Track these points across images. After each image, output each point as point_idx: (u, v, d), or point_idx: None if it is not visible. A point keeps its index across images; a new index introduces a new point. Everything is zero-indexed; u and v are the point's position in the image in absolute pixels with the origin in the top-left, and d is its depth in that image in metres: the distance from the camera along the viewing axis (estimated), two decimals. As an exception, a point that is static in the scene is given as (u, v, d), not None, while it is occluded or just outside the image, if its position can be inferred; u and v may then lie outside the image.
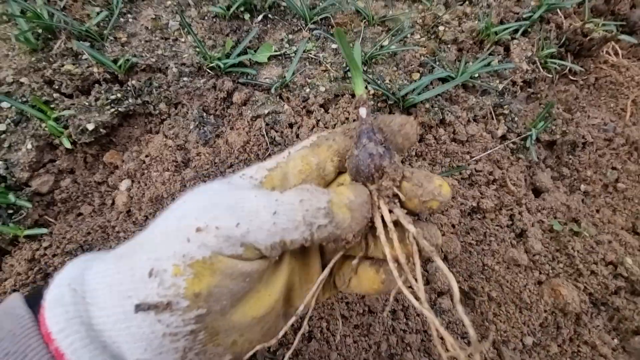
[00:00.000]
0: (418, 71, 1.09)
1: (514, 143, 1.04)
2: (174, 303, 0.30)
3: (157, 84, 0.97)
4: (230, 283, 0.32)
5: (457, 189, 0.95)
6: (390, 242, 0.37)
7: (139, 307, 0.29)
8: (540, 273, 0.87)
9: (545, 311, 0.82)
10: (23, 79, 0.89)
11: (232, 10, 1.08)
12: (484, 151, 1.00)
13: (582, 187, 1.05)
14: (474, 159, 0.99)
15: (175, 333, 0.30)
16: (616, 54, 1.38)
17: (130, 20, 1.07)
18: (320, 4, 1.19)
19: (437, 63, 1.10)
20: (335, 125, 0.97)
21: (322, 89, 1.02)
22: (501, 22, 1.25)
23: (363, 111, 0.40)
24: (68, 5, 1.08)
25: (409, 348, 0.77)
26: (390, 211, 0.38)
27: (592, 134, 1.10)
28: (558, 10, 1.36)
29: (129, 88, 0.94)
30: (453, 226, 0.90)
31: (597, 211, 1.00)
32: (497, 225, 0.93)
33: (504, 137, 1.06)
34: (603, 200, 1.03)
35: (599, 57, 1.35)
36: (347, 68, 1.08)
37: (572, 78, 1.35)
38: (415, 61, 1.10)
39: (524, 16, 1.24)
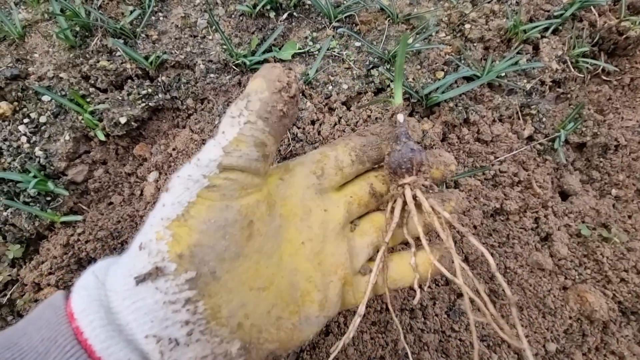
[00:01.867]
0: (442, 70, 1.08)
1: (541, 144, 1.01)
2: (163, 267, 0.31)
3: (185, 80, 1.00)
4: (209, 240, 0.32)
5: (479, 189, 0.93)
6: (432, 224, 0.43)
7: (137, 279, 0.31)
8: (565, 278, 0.84)
9: (570, 318, 0.79)
10: (62, 74, 0.95)
11: (258, 8, 1.10)
12: (509, 152, 0.98)
13: (614, 191, 1.01)
14: (498, 159, 0.97)
15: (174, 301, 0.30)
16: (654, 53, 1.31)
17: (161, 18, 1.12)
18: (345, 2, 1.20)
19: (463, 62, 1.08)
20: (357, 122, 0.97)
21: (345, 86, 1.02)
22: (530, 20, 1.21)
23: (401, 117, 0.47)
24: (104, 4, 1.13)
25: (426, 347, 0.77)
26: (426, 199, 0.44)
27: (625, 136, 1.05)
28: (592, 7, 1.31)
29: (159, 84, 0.98)
30: (475, 227, 0.89)
31: (629, 217, 0.96)
32: (521, 228, 0.91)
33: (530, 138, 1.03)
34: (636, 205, 0.98)
35: (635, 56, 1.29)
36: (370, 66, 1.08)
37: (605, 78, 1.30)
38: (440, 60, 1.09)
39: (555, 14, 1.20)
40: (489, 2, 1.23)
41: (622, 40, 1.23)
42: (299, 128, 0.98)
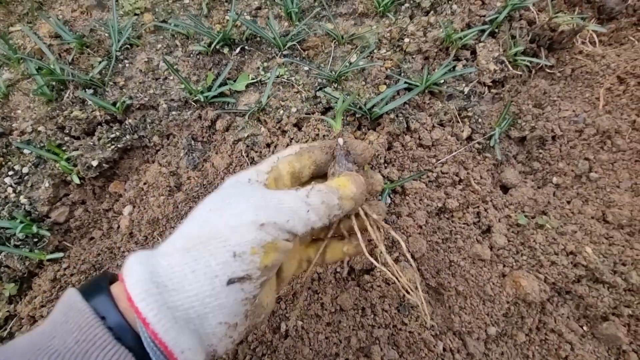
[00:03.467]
0: (385, 84, 1.17)
1: (479, 143, 1.09)
2: (252, 274, 0.40)
3: (150, 119, 1.11)
4: (280, 257, 0.44)
5: (424, 191, 1.01)
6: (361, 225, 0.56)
7: (230, 281, 0.39)
8: (504, 266, 0.92)
9: (507, 302, 0.86)
10: (40, 127, 1.06)
11: (212, 46, 1.21)
12: (449, 154, 1.06)
13: (554, 179, 1.08)
14: (439, 161, 1.05)
15: (248, 297, 0.41)
16: (593, 43, 1.38)
17: (127, 65, 1.23)
18: (292, 30, 1.30)
19: (402, 74, 1.17)
20: (307, 140, 1.06)
21: (294, 109, 1.12)
22: (468, 27, 1.30)
23: (341, 140, 0.58)
24: (75, 58, 1.26)
25: (377, 341, 0.84)
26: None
27: (561, 126, 1.13)
28: (530, 6, 1.39)
29: (126, 126, 1.09)
30: (420, 227, 0.97)
31: (568, 202, 1.03)
32: (463, 224, 0.98)
33: (469, 139, 1.11)
34: (575, 191, 1.05)
35: (574, 48, 1.37)
36: (318, 87, 1.17)
37: (549, 71, 1.37)
38: (382, 75, 1.18)
39: (489, 19, 1.29)
40: (425, 15, 1.32)
41: (556, 35, 1.31)
42: (255, 152, 1.08)
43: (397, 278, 0.56)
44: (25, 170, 0.98)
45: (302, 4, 1.38)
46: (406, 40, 1.25)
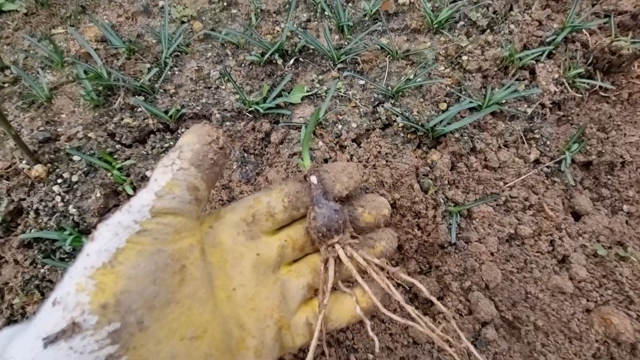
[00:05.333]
0: (445, 101, 1.13)
1: (548, 167, 1.04)
2: (82, 322, 0.28)
3: (203, 129, 1.06)
4: (138, 285, 0.30)
5: (493, 215, 0.96)
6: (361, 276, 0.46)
7: (46, 340, 0.27)
8: (587, 301, 0.85)
9: (596, 341, 0.80)
10: (90, 134, 1.01)
11: (266, 57, 1.18)
12: (517, 177, 1.01)
13: (625, 207, 1.03)
14: (507, 185, 1.00)
15: None
16: (649, 67, 1.35)
17: (176, 73, 1.20)
18: (346, 43, 1.27)
19: (463, 92, 1.13)
20: (368, 159, 1.02)
21: (354, 124, 1.07)
22: (524, 47, 1.27)
23: (314, 179, 0.48)
24: (123, 63, 1.22)
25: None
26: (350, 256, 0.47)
27: (630, 152, 1.08)
28: (583, 29, 1.37)
29: (179, 135, 1.04)
30: (492, 254, 0.91)
31: (644, 233, 0.97)
32: (537, 252, 0.92)
33: (537, 162, 1.06)
34: (649, 221, 1.00)
35: (631, 72, 1.34)
36: (376, 103, 1.13)
37: (603, 95, 1.34)
38: (442, 92, 1.14)
39: (548, 39, 1.26)
40: (482, 34, 1.29)
41: (615, 59, 1.28)
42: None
43: (431, 330, 0.45)
44: (74, 178, 0.93)
45: (352, 18, 1.36)
46: (464, 58, 1.21)
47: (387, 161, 1.01)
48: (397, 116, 1.09)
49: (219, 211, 0.46)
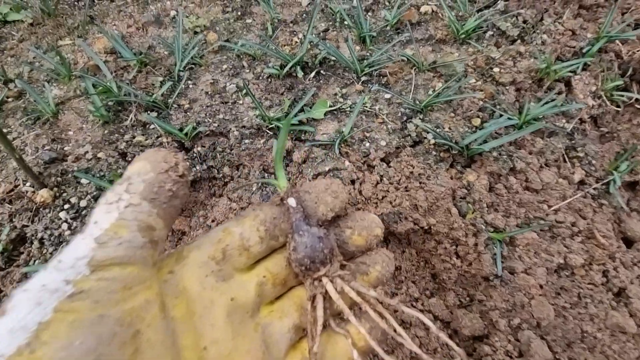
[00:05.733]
0: (478, 116, 1.05)
1: (594, 188, 0.96)
2: None
3: (221, 148, 0.99)
4: None
5: (538, 243, 0.88)
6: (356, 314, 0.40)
7: None
8: (653, 342, 0.77)
9: (668, 390, 0.71)
10: (100, 154, 0.94)
11: (285, 69, 1.11)
12: (562, 199, 0.93)
13: (679, 232, 0.94)
14: (552, 208, 0.92)
15: None
16: (688, 79, 1.28)
17: (190, 86, 1.13)
18: (369, 55, 1.21)
19: (498, 107, 1.06)
20: (400, 180, 0.94)
21: (382, 142, 1.00)
22: (558, 58, 1.20)
23: (292, 201, 0.40)
24: (134, 77, 1.15)
25: None
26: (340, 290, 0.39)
27: (681, 172, 1.00)
28: (617, 40, 1.30)
29: (194, 154, 0.97)
30: (541, 287, 0.82)
31: None
32: (590, 284, 0.84)
33: (582, 182, 0.98)
34: None
35: (669, 84, 1.26)
36: (404, 118, 1.06)
37: (638, 107, 1.27)
38: (474, 106, 1.07)
39: (583, 50, 1.19)
40: (511, 44, 1.22)
41: (654, 70, 1.21)
42: (338, 189, 0.95)
43: None
44: (83, 203, 0.85)
45: (373, 28, 1.29)
46: (495, 69, 1.14)
47: (420, 182, 0.93)
48: (428, 133, 1.02)
49: (181, 250, 0.38)
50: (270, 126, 1.01)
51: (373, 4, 1.46)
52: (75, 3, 1.46)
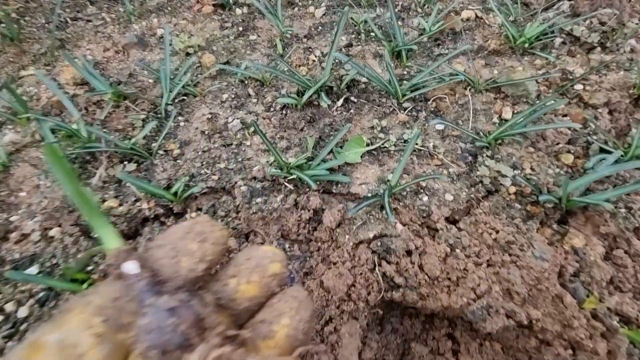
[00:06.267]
0: (569, 151, 0.78)
1: None
2: None
3: (223, 211, 0.72)
4: None
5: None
6: None
7: None
8: None
9: None
10: (54, 230, 0.67)
11: (305, 97, 0.85)
12: None
13: None
14: None
15: None
16: None
17: (182, 124, 0.86)
18: (408, 74, 0.95)
19: (595, 137, 0.78)
20: (479, 251, 0.66)
21: (447, 195, 0.72)
22: (651, 68, 0.94)
23: (131, 266, 0.26)
24: (109, 114, 0.89)
25: None
26: None
27: None
28: None
29: (187, 223, 0.70)
30: None
31: None
32: None
33: None
34: None
35: None
36: (468, 158, 0.79)
37: None
38: (561, 137, 0.80)
39: (686, 57, 0.93)
40: (588, 53, 0.96)
41: None
42: (390, 264, 0.67)
43: None
44: (22, 312, 0.57)
45: (406, 39, 1.04)
46: (577, 87, 0.88)
47: (510, 255, 0.65)
48: (504, 177, 0.74)
49: None
50: (290, 177, 0.74)
51: (401, 11, 1.21)
52: (46, 25, 1.22)
